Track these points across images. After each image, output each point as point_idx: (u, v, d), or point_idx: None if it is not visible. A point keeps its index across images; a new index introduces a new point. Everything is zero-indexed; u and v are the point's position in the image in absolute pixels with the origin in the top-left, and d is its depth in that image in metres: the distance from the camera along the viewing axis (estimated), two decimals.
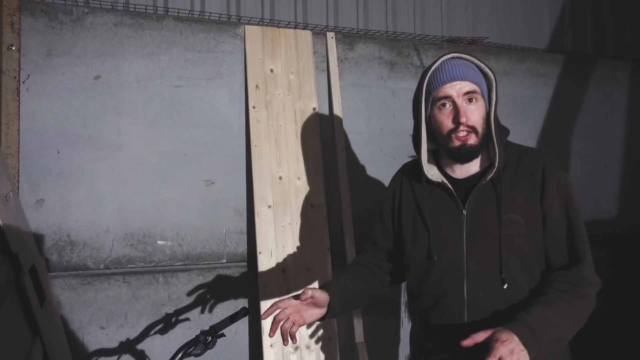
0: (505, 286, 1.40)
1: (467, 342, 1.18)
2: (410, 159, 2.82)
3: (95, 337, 2.24)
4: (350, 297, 1.54)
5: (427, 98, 1.49)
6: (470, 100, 1.44)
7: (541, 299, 1.32)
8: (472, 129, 1.43)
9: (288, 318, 1.36)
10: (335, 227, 2.57)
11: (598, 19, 3.44)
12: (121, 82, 2.31)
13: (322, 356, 2.35)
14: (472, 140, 1.44)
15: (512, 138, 1.59)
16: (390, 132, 2.75)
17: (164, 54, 2.38)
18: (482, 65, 1.49)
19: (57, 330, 2.03)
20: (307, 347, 2.34)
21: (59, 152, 2.22)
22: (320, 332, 2.36)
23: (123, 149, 2.30)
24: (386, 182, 2.73)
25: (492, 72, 1.49)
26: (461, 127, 1.42)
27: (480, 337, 1.19)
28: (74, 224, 2.23)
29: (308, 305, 1.41)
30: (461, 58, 1.48)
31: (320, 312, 1.45)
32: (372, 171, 2.70)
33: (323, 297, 1.43)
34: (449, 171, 1.55)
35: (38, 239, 2.16)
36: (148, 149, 2.34)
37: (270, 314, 1.36)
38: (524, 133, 3.03)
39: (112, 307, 2.27)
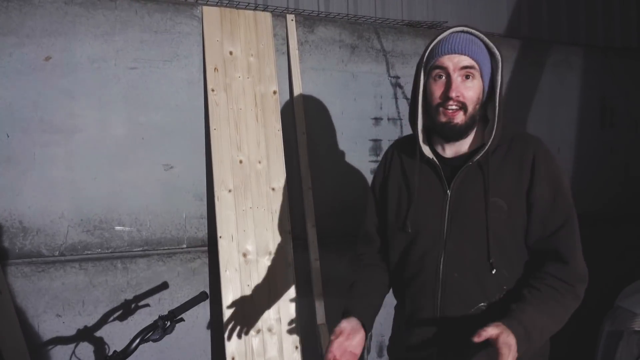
0: (494, 271, 1.38)
1: (477, 339, 1.18)
2: (370, 142, 2.84)
3: (51, 326, 2.19)
4: (373, 304, 1.55)
5: (425, 67, 1.45)
6: (467, 76, 1.38)
7: (535, 297, 1.32)
8: (462, 106, 1.38)
9: None
10: (297, 210, 2.58)
11: (553, 5, 3.52)
12: (73, 64, 2.23)
13: (283, 339, 2.37)
14: (459, 118, 1.39)
15: None
16: (351, 115, 2.76)
17: (119, 34, 2.31)
18: (491, 45, 1.42)
19: (9, 319, 1.98)
20: (269, 330, 2.35)
21: (8, 136, 2.13)
22: (282, 315, 2.38)
23: (77, 132, 2.24)
24: (347, 166, 2.76)
25: (500, 52, 1.42)
26: (450, 102, 1.38)
27: (489, 334, 1.18)
28: (26, 210, 2.16)
29: (348, 338, 1.39)
30: (470, 33, 1.42)
31: (361, 336, 1.42)
32: (333, 155, 2.71)
33: (354, 323, 1.43)
34: (439, 150, 1.51)
35: None
36: (103, 132, 2.28)
37: None
38: None
39: (69, 295, 2.22)
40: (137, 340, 1.50)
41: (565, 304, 1.34)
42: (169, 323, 1.59)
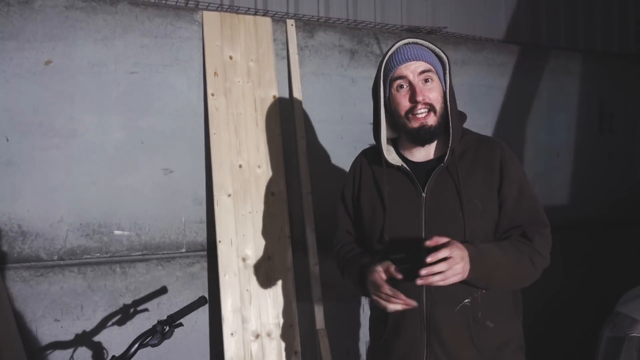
0: None
1: (430, 243, 1.28)
2: (369, 146, 2.82)
3: (50, 330, 2.19)
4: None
5: (384, 81, 1.53)
6: (426, 80, 1.48)
7: (495, 242, 1.44)
8: (430, 107, 1.47)
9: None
10: (296, 215, 2.58)
11: (552, 10, 3.53)
12: (74, 68, 2.24)
13: (283, 343, 2.36)
14: (431, 120, 1.48)
15: (469, 127, 1.62)
16: (351, 120, 2.76)
17: (119, 39, 2.31)
18: (436, 49, 1.54)
19: (7, 323, 1.98)
20: (268, 335, 2.35)
21: (8, 140, 2.13)
22: (281, 319, 2.38)
23: (76, 136, 2.24)
24: (347, 170, 2.76)
25: (445, 54, 1.54)
26: (419, 106, 1.46)
27: (440, 240, 1.29)
28: (25, 214, 2.16)
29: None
30: (415, 43, 1.54)
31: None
32: (332, 159, 2.71)
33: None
34: (408, 155, 1.58)
35: None
36: (103, 136, 2.28)
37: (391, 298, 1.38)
38: (481, 122, 3.10)
39: (67, 299, 2.22)
40: (136, 345, 1.50)
41: (521, 255, 1.41)
42: (167, 328, 1.59)
